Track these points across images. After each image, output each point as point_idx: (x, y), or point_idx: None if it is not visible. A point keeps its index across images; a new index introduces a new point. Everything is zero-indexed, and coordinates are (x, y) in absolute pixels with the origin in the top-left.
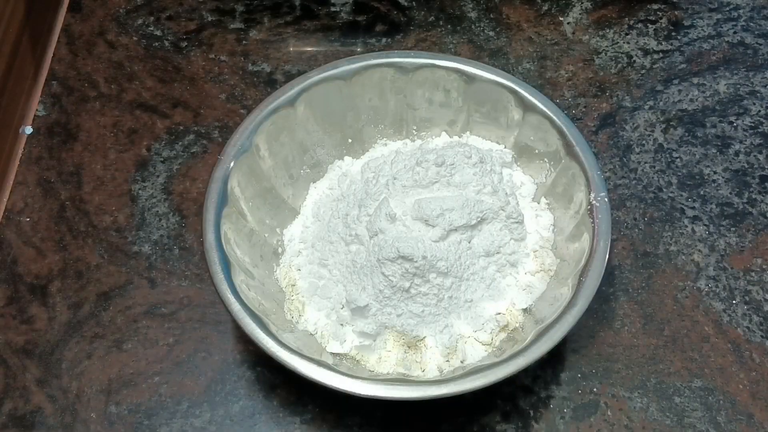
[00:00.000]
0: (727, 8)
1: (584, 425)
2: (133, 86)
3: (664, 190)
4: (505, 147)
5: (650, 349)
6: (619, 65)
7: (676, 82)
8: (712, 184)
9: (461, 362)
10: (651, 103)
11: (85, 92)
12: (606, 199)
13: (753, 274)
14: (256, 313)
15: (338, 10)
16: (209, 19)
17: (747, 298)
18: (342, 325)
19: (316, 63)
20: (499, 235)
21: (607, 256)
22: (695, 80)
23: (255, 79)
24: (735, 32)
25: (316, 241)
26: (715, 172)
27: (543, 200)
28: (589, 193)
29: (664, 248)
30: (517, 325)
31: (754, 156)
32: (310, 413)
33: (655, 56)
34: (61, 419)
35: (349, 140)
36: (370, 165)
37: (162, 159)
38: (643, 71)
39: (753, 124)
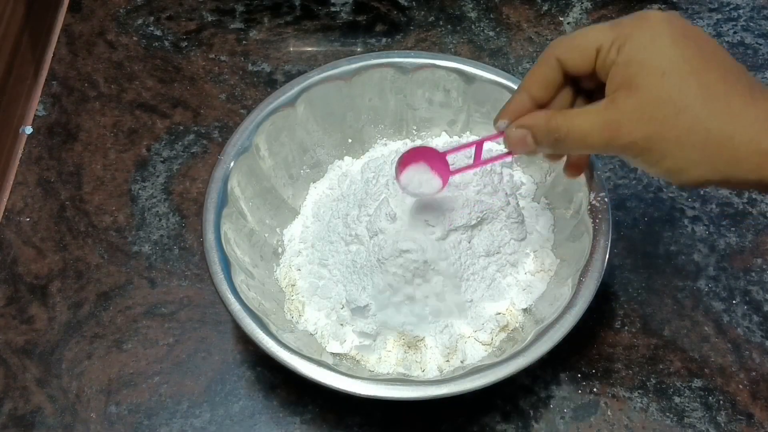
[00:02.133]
0: (727, 8)
1: (584, 425)
2: (133, 86)
3: (664, 190)
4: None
5: (650, 349)
6: None
7: None
8: None
9: (461, 362)
10: None
11: (85, 92)
12: (606, 199)
13: (753, 274)
14: (256, 313)
15: (338, 10)
16: (209, 19)
17: (747, 298)
18: (342, 325)
19: (316, 63)
20: (500, 235)
21: (607, 256)
22: None
23: (255, 79)
24: (735, 32)
25: (316, 241)
26: None
27: (543, 200)
28: (589, 193)
29: (664, 248)
30: (517, 325)
31: None
32: (310, 413)
33: None
34: (61, 419)
35: (349, 140)
36: (370, 165)
37: (162, 159)
38: None
39: None
